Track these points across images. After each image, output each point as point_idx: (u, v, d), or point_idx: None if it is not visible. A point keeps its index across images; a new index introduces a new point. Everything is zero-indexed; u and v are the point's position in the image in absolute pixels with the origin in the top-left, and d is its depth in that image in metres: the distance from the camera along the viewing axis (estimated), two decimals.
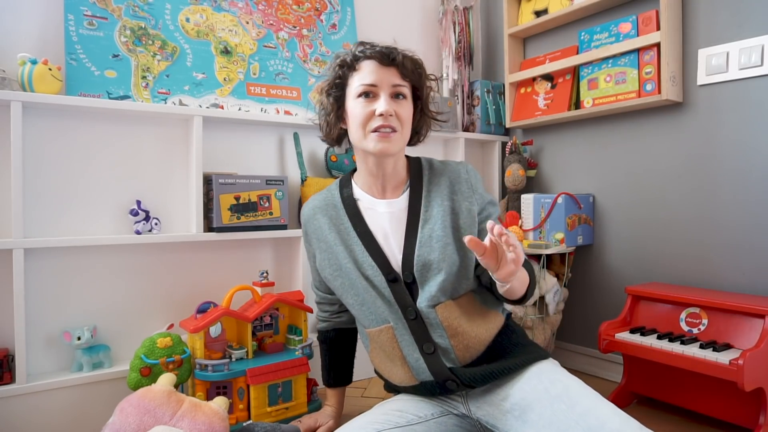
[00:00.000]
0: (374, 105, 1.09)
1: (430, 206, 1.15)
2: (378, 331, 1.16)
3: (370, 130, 1.10)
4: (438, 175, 1.18)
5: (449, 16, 2.25)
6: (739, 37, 1.54)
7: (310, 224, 1.24)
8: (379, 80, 1.09)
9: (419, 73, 1.15)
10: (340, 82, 1.15)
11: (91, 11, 1.53)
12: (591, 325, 1.96)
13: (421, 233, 1.12)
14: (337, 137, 1.23)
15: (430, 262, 1.10)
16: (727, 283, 1.58)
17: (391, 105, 1.09)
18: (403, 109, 1.12)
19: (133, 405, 1.16)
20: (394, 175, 1.18)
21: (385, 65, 1.10)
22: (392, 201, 1.17)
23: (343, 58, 1.15)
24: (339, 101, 1.17)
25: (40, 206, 1.44)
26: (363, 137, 1.11)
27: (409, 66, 1.12)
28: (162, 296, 1.62)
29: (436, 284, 1.09)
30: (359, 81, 1.11)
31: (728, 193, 1.58)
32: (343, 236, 1.18)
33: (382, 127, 1.08)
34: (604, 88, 1.82)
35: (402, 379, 1.17)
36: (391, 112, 1.08)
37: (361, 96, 1.11)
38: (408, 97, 1.13)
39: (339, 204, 1.21)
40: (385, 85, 1.10)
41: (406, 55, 1.13)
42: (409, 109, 1.14)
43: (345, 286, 1.19)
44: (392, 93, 1.10)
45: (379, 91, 1.10)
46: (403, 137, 1.13)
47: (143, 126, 1.59)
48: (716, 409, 1.43)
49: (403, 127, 1.12)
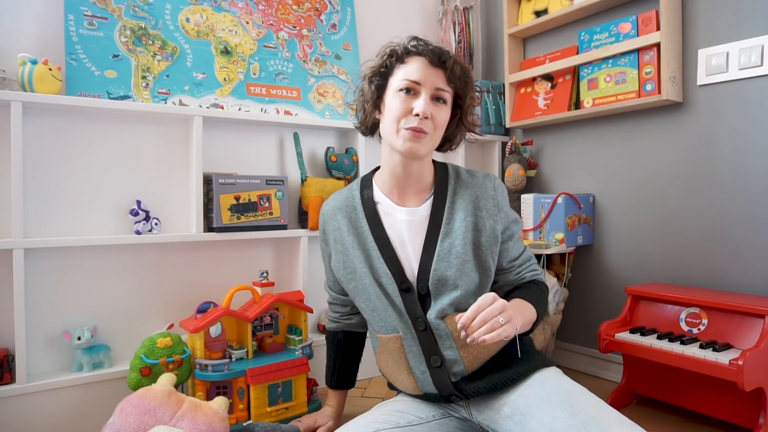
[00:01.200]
0: (413, 103, 1.06)
1: (452, 219, 1.12)
2: (387, 339, 1.16)
3: (403, 127, 1.07)
4: (464, 186, 1.15)
5: (449, 16, 2.25)
6: (739, 37, 1.54)
7: (329, 224, 1.22)
8: (424, 79, 1.06)
9: (466, 82, 1.11)
10: (385, 71, 1.12)
11: (91, 11, 1.53)
12: (591, 325, 1.96)
13: (440, 246, 1.10)
14: (371, 126, 1.20)
15: (446, 278, 1.08)
16: (727, 283, 1.58)
17: (429, 107, 1.06)
18: (441, 113, 1.08)
19: (133, 405, 1.16)
20: (418, 179, 1.15)
21: (433, 65, 1.07)
22: (413, 209, 1.14)
23: (394, 48, 1.12)
24: (380, 90, 1.14)
25: (40, 206, 1.44)
26: (394, 132, 1.08)
27: (457, 72, 1.09)
28: (162, 296, 1.62)
29: (449, 299, 1.08)
30: (404, 75, 1.08)
31: (728, 192, 1.58)
32: (360, 240, 1.16)
33: (416, 128, 1.05)
34: (604, 88, 1.82)
35: (406, 387, 1.16)
36: (428, 114, 1.05)
37: (402, 90, 1.08)
38: (448, 102, 1.10)
39: (359, 206, 1.18)
40: (428, 85, 1.07)
41: (457, 61, 1.09)
42: (446, 115, 1.10)
43: (358, 290, 1.17)
44: (433, 95, 1.07)
45: (422, 89, 1.07)
46: (432, 141, 1.10)
47: (143, 126, 1.59)
48: (716, 409, 1.43)
49: (435, 131, 1.09)
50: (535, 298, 1.12)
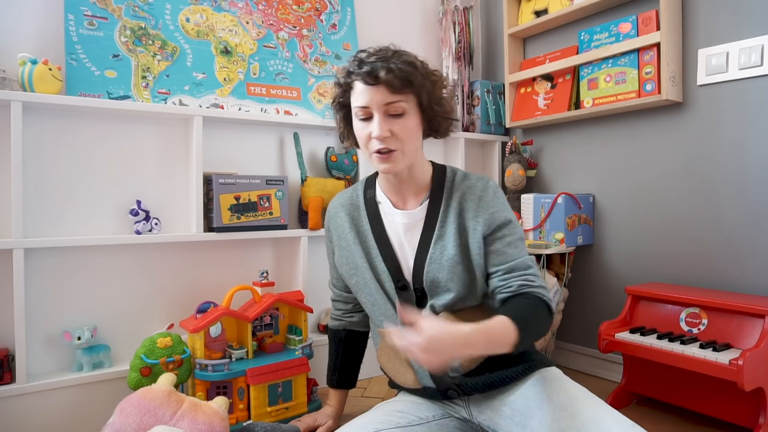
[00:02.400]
0: (370, 127, 1.06)
1: (446, 222, 1.12)
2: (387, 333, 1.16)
3: (371, 152, 1.08)
4: (456, 189, 1.14)
5: (449, 16, 2.25)
6: (739, 37, 1.54)
7: (333, 221, 1.26)
8: (370, 101, 1.04)
9: (409, 81, 1.05)
10: (343, 100, 1.14)
11: (91, 11, 1.53)
12: (591, 325, 1.96)
13: (432, 249, 1.10)
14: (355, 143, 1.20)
15: (439, 281, 1.09)
16: (727, 283, 1.58)
17: (385, 126, 1.04)
18: (400, 125, 1.06)
19: (133, 405, 1.16)
20: (412, 182, 1.15)
21: (372, 85, 1.04)
22: (409, 212, 1.15)
23: (338, 79, 1.12)
24: (347, 118, 1.16)
25: (40, 206, 1.44)
26: (368, 157, 1.11)
27: (396, 82, 1.03)
28: (162, 296, 1.62)
29: (443, 301, 1.10)
30: (355, 102, 1.08)
31: (728, 192, 1.58)
32: (361, 237, 1.19)
33: (380, 150, 1.06)
34: (604, 88, 1.82)
35: (405, 381, 1.17)
36: (386, 133, 1.04)
37: (359, 116, 1.08)
38: (407, 110, 1.07)
39: (361, 205, 1.21)
40: (375, 107, 1.04)
41: (391, 68, 1.02)
42: (407, 124, 1.07)
43: (359, 285, 1.20)
44: (385, 112, 1.05)
45: (372, 111, 1.05)
46: (405, 154, 1.08)
47: (143, 126, 1.59)
48: (716, 409, 1.43)
49: (403, 144, 1.06)
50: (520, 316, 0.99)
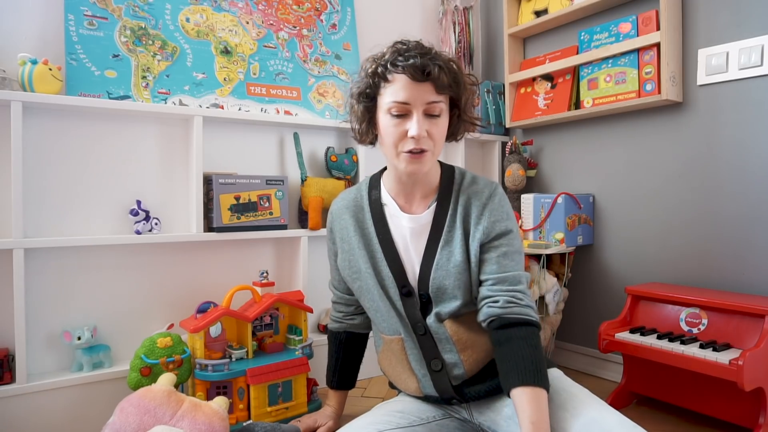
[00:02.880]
0: (406, 125, 1.02)
1: (453, 227, 1.09)
2: (390, 340, 1.16)
3: (402, 151, 1.03)
4: (463, 192, 1.11)
5: (449, 16, 2.25)
6: (739, 37, 1.54)
7: (337, 223, 1.22)
8: (413, 98, 1.00)
9: (457, 83, 1.05)
10: (371, 92, 1.07)
11: (91, 11, 1.53)
12: (591, 325, 1.96)
13: (439, 255, 1.08)
14: (371, 141, 1.17)
15: (445, 287, 1.07)
16: (727, 283, 1.58)
17: (424, 126, 1.01)
18: (438, 127, 1.04)
19: (133, 405, 1.16)
20: (424, 184, 1.13)
21: (419, 81, 1.00)
22: (416, 216, 1.11)
23: (375, 68, 1.05)
24: (370, 111, 1.10)
25: (40, 206, 1.44)
26: (395, 156, 1.05)
27: (445, 80, 1.01)
28: (162, 296, 1.62)
29: (448, 308, 1.07)
30: (391, 97, 1.02)
31: (728, 193, 1.58)
32: (366, 240, 1.15)
33: (414, 149, 1.02)
34: (604, 88, 1.82)
35: (408, 388, 1.16)
36: (424, 134, 1.01)
37: (393, 113, 1.03)
38: (444, 112, 1.05)
39: (366, 206, 1.17)
40: (418, 104, 1.01)
41: (442, 67, 1.01)
42: (443, 126, 1.06)
43: (362, 289, 1.17)
44: (426, 111, 1.02)
45: (412, 109, 1.01)
46: (435, 155, 1.06)
47: (143, 126, 1.59)
48: (716, 409, 1.43)
49: (435, 145, 1.05)
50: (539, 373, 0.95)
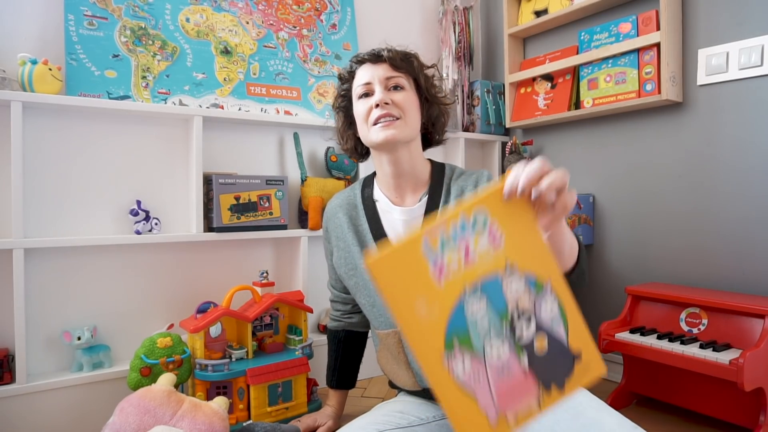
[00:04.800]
0: (372, 99, 1.12)
1: None
2: (386, 334, 1.16)
3: (371, 123, 1.12)
4: (455, 184, 1.16)
5: (449, 16, 2.25)
6: (739, 37, 1.54)
7: (331, 222, 1.26)
8: (372, 77, 1.13)
9: (410, 62, 1.16)
10: (345, 93, 1.20)
11: (91, 11, 1.53)
12: (591, 325, 1.94)
13: None
14: (354, 147, 1.25)
15: None
16: (727, 283, 1.58)
17: (387, 94, 1.11)
18: (401, 95, 1.12)
19: (133, 405, 1.16)
20: (411, 174, 1.16)
21: (375, 63, 1.14)
22: (409, 209, 1.15)
23: (341, 73, 1.21)
24: (347, 111, 1.21)
25: (40, 206, 1.44)
26: (368, 131, 1.13)
27: (398, 58, 1.14)
28: (162, 296, 1.62)
29: None
30: (357, 83, 1.15)
31: (728, 193, 1.58)
32: (360, 237, 1.18)
33: (381, 117, 1.10)
34: (604, 88, 1.82)
35: (406, 383, 1.17)
36: (387, 100, 1.10)
37: (362, 97, 1.14)
38: (407, 87, 1.14)
39: (359, 204, 1.22)
40: (377, 79, 1.12)
41: (395, 50, 1.15)
42: (408, 97, 1.13)
43: (358, 285, 1.19)
44: (387, 86, 1.12)
45: (374, 86, 1.12)
46: (408, 124, 1.12)
47: (143, 126, 1.59)
48: (716, 409, 1.43)
49: (405, 113, 1.11)
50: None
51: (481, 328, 0.65)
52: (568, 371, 0.66)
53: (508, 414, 0.63)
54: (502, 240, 0.66)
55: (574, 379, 0.66)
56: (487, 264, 0.65)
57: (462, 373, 0.63)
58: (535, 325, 0.66)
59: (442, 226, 0.64)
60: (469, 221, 0.65)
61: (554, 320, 0.67)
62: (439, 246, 0.63)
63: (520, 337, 0.66)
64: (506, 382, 0.64)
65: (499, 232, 0.66)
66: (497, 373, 0.64)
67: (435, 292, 0.63)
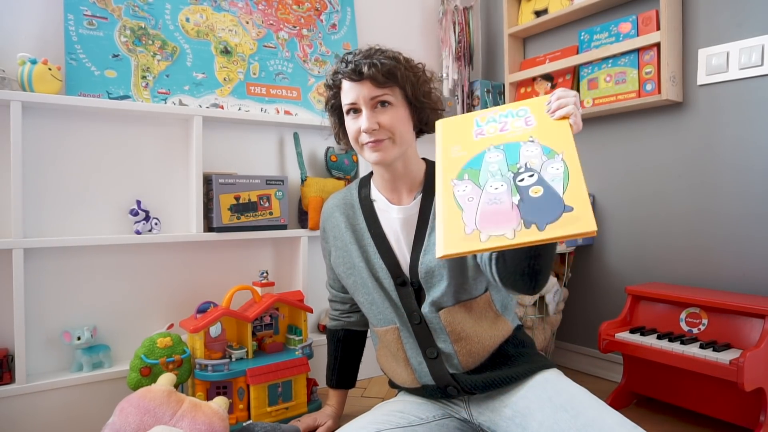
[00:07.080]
0: (359, 122, 1.11)
1: None
2: (384, 331, 1.17)
3: (362, 144, 1.12)
4: None
5: (449, 16, 2.25)
6: (739, 37, 1.54)
7: (329, 222, 1.26)
8: (356, 97, 1.10)
9: (394, 74, 1.09)
10: (334, 102, 1.19)
11: (91, 11, 1.52)
12: (591, 325, 1.96)
13: (427, 240, 1.12)
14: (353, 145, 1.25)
15: (433, 269, 1.10)
16: (728, 283, 1.58)
17: (373, 118, 1.08)
18: (388, 115, 1.09)
19: (133, 405, 1.16)
20: (406, 176, 1.17)
21: (357, 81, 1.09)
22: (404, 207, 1.16)
23: (327, 81, 1.19)
24: (340, 119, 1.20)
25: (39, 206, 1.44)
26: (360, 150, 1.14)
27: (380, 75, 1.08)
28: (162, 296, 1.62)
29: (440, 290, 1.09)
30: (344, 101, 1.13)
31: (728, 193, 1.58)
32: (357, 236, 1.19)
33: (368, 142, 1.10)
34: (604, 88, 1.82)
35: (405, 380, 1.17)
36: (374, 126, 1.08)
37: (350, 113, 1.13)
38: (394, 102, 1.11)
39: (356, 204, 1.22)
40: (362, 101, 1.09)
41: (374, 63, 1.08)
42: (395, 114, 1.10)
43: (357, 284, 1.20)
44: (372, 105, 1.09)
45: (360, 106, 1.10)
46: (396, 143, 1.10)
47: (143, 126, 1.59)
48: (716, 409, 1.43)
49: (393, 133, 1.09)
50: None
51: (491, 169, 0.84)
52: (554, 218, 0.75)
53: (483, 232, 0.77)
54: (534, 124, 0.89)
55: (558, 225, 0.74)
56: (515, 135, 0.88)
57: (461, 192, 0.82)
58: (537, 177, 0.81)
59: (492, 111, 0.94)
60: (514, 111, 0.92)
61: (556, 179, 0.80)
62: (485, 121, 0.92)
63: (520, 183, 0.81)
64: (493, 208, 0.79)
65: (533, 120, 0.89)
66: (488, 199, 0.80)
67: (470, 142, 0.90)
